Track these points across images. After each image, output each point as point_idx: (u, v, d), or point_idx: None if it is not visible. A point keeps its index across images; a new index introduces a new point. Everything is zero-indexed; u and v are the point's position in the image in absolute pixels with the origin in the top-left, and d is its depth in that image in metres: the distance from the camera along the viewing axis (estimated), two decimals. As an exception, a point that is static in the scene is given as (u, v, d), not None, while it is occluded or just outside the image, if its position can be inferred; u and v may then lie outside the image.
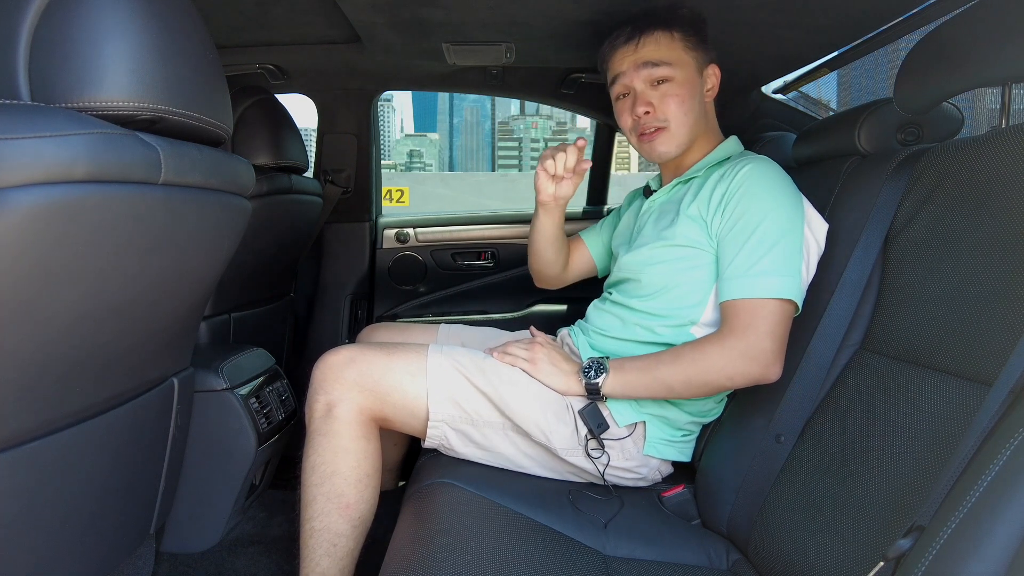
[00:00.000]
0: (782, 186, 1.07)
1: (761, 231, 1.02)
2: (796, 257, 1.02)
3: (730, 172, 1.09)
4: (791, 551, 0.86)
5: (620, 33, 1.17)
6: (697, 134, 1.18)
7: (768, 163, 1.10)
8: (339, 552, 1.03)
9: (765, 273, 1.00)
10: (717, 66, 1.21)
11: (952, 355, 0.78)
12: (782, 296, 1.00)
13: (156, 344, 0.97)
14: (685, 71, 1.14)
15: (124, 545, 1.06)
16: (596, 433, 1.08)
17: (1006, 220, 0.76)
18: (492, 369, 1.11)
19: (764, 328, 0.99)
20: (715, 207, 1.08)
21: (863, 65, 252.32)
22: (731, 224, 1.05)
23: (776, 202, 1.04)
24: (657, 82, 1.14)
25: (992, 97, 47.33)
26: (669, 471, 1.19)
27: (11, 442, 0.74)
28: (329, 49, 1.69)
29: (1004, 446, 0.53)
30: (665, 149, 1.17)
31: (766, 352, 0.98)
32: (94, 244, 0.70)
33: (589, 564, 0.88)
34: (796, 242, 1.03)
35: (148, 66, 0.73)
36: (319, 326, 2.18)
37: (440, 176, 33.69)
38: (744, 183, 1.06)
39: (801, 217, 1.05)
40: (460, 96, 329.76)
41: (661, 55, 1.13)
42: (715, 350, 1.00)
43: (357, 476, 1.04)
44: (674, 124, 1.15)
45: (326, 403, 1.05)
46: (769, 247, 1.01)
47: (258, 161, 1.51)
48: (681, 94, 1.14)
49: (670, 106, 1.14)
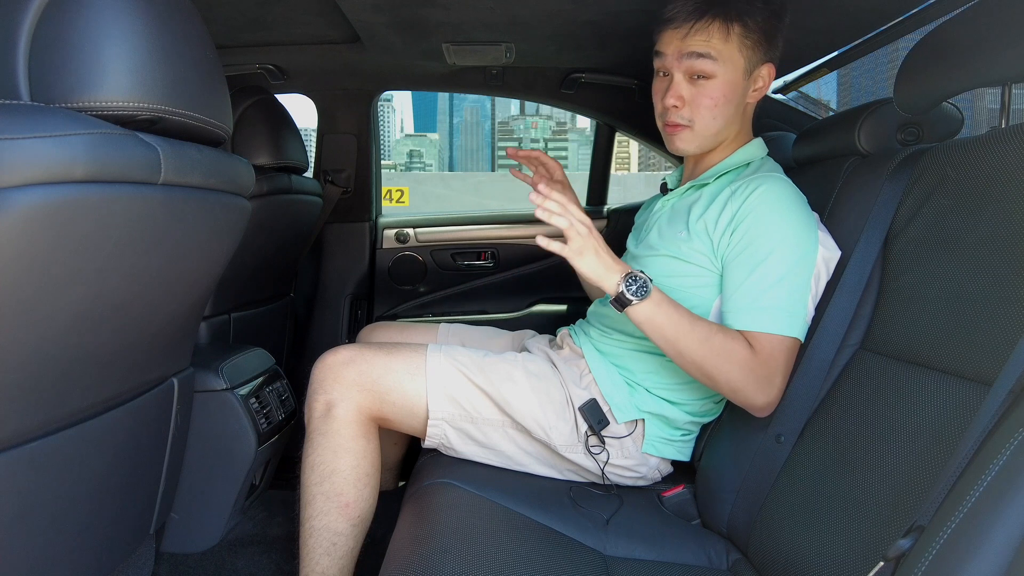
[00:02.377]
0: (796, 212, 1.00)
1: (772, 261, 0.97)
2: (804, 293, 0.98)
3: (742, 191, 1.02)
4: (791, 551, 0.86)
5: (680, 10, 1.02)
6: (726, 137, 1.11)
7: (783, 184, 1.04)
8: (338, 551, 1.03)
9: (776, 308, 0.96)
10: (774, 65, 1.09)
11: (952, 355, 0.78)
12: (794, 335, 0.97)
13: (156, 344, 0.97)
14: (730, 72, 1.04)
15: (124, 545, 1.06)
16: (596, 429, 1.08)
17: (1006, 220, 0.76)
18: (491, 367, 1.11)
19: (780, 363, 0.97)
20: (723, 227, 1.03)
21: (863, 65, 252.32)
22: (740, 249, 1.00)
23: (790, 230, 0.99)
24: (696, 76, 1.04)
25: (992, 97, 47.33)
26: (669, 471, 1.19)
27: (11, 442, 0.74)
28: (329, 49, 1.69)
29: (1004, 446, 0.53)
30: (684, 147, 1.10)
31: (776, 387, 0.97)
32: (94, 244, 0.70)
33: (589, 564, 0.88)
34: (806, 276, 0.98)
35: (148, 66, 0.73)
36: (319, 326, 2.18)
37: (440, 176, 33.70)
38: (756, 207, 1.00)
39: (813, 247, 0.99)
40: (460, 96, 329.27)
41: (709, 48, 1.02)
42: (739, 363, 0.96)
43: (356, 475, 1.04)
44: (699, 125, 1.07)
45: (325, 402, 1.05)
46: (779, 280, 0.97)
47: (258, 161, 1.51)
48: (716, 97, 1.04)
49: (701, 107, 1.05)
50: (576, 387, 1.13)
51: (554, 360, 1.18)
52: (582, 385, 1.13)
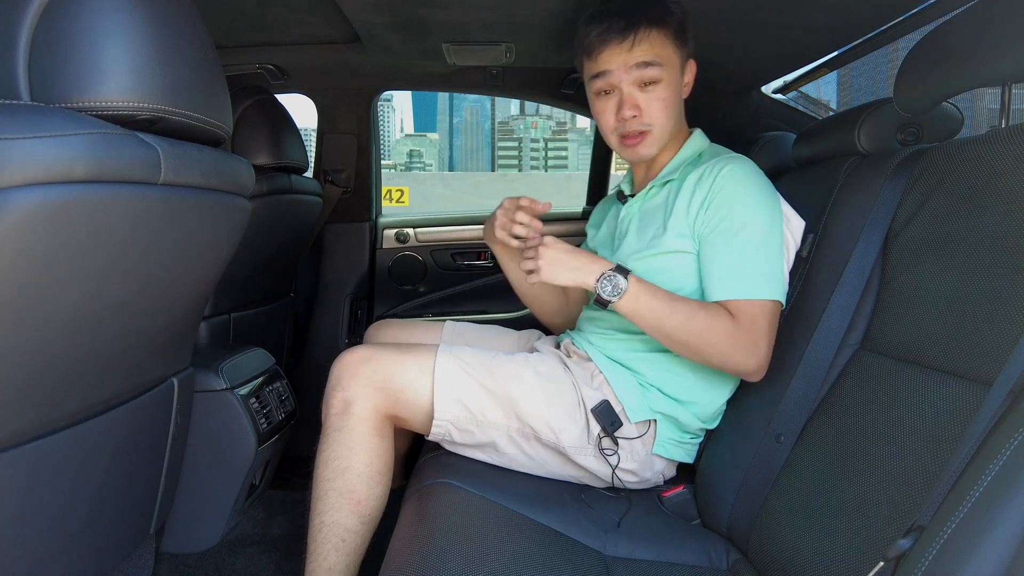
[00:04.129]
0: (762, 187, 1.08)
1: (747, 233, 1.03)
2: (780, 258, 1.05)
3: (709, 173, 1.09)
4: (791, 551, 0.86)
5: (613, 28, 1.08)
6: (674, 133, 1.18)
7: (746, 163, 1.11)
8: (347, 547, 1.03)
9: (757, 275, 1.02)
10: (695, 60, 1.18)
11: (952, 355, 0.78)
12: (775, 298, 1.03)
13: (156, 344, 0.97)
14: (672, 72, 1.11)
15: (124, 545, 1.06)
16: (610, 431, 1.08)
17: (1006, 220, 0.76)
18: (500, 368, 1.11)
19: (765, 327, 1.02)
20: (696, 209, 1.08)
21: (863, 65, 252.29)
22: (714, 225, 1.06)
23: (759, 203, 1.06)
24: (645, 83, 1.10)
25: (992, 97, 47.27)
26: (672, 475, 1.19)
27: (11, 442, 0.74)
28: (329, 49, 1.69)
29: (1004, 446, 0.53)
30: (648, 152, 1.16)
31: (763, 350, 1.01)
32: (94, 244, 0.70)
33: (589, 564, 0.88)
34: (778, 243, 1.06)
35: (148, 66, 0.73)
36: (319, 326, 2.18)
37: (440, 176, 33.68)
38: (725, 184, 1.06)
39: (780, 217, 1.08)
40: (460, 96, 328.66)
41: (654, 55, 1.09)
42: (724, 334, 1.01)
43: (369, 473, 1.05)
44: (658, 128, 1.13)
45: (343, 400, 1.06)
46: (755, 249, 1.03)
47: (258, 161, 1.51)
48: (667, 97, 1.11)
49: (655, 110, 1.11)
50: (588, 388, 1.12)
51: (565, 361, 1.18)
52: (594, 386, 1.13)
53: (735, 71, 1.58)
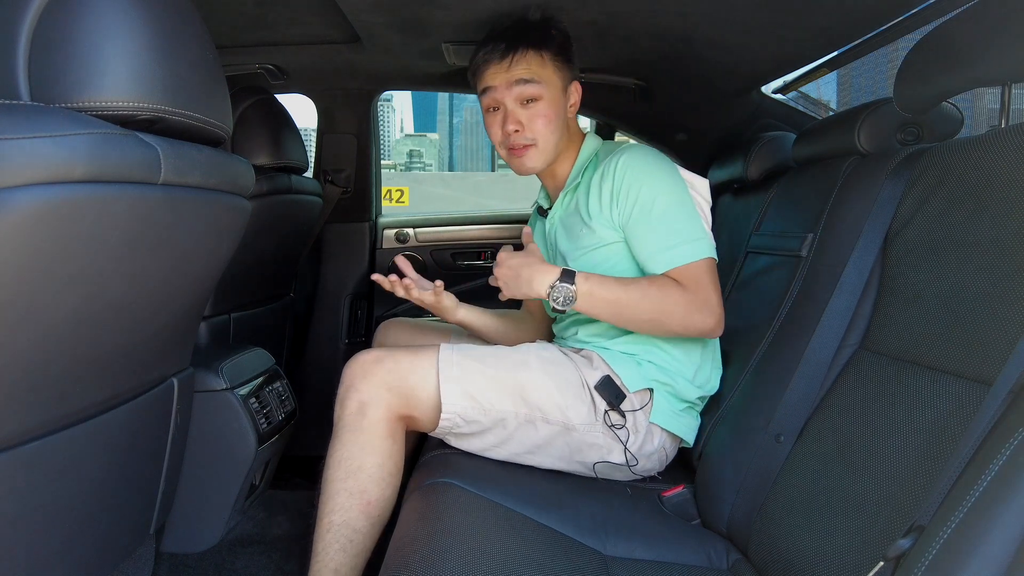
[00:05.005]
0: (657, 164, 1.17)
1: (659, 207, 1.12)
2: (697, 219, 1.15)
3: (608, 169, 1.18)
4: (791, 551, 0.86)
5: (494, 48, 1.20)
6: (563, 147, 1.27)
7: (637, 147, 1.21)
8: (355, 548, 1.04)
9: (684, 241, 1.11)
10: (579, 84, 1.28)
11: (952, 355, 0.78)
12: (708, 255, 1.11)
13: (156, 344, 0.97)
14: (552, 90, 1.21)
15: (124, 545, 1.06)
16: (616, 404, 1.13)
17: (1006, 220, 0.76)
18: (505, 356, 1.15)
19: (709, 283, 1.10)
20: (609, 203, 1.17)
21: (863, 65, 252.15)
22: (629, 211, 1.15)
23: (659, 180, 1.15)
24: (526, 100, 1.20)
25: (992, 97, 47.21)
26: (674, 454, 1.22)
27: (11, 442, 0.74)
28: (329, 49, 1.69)
29: (1004, 446, 0.53)
30: (532, 164, 1.25)
31: (715, 306, 1.09)
32: (94, 244, 0.70)
33: (589, 564, 0.88)
34: (691, 206, 1.15)
35: (148, 66, 0.73)
36: (319, 326, 2.18)
37: (440, 176, 33.68)
38: (625, 173, 1.15)
39: (683, 184, 1.17)
40: (460, 96, 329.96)
41: (532, 74, 1.19)
42: (677, 302, 1.08)
43: (381, 474, 1.06)
44: (542, 142, 1.22)
45: (358, 401, 1.07)
46: (674, 218, 1.12)
47: (258, 161, 1.51)
48: (548, 114, 1.20)
49: (538, 125, 1.21)
50: (588, 369, 1.16)
51: (564, 351, 1.22)
52: (593, 366, 1.17)
53: (735, 71, 1.58)
